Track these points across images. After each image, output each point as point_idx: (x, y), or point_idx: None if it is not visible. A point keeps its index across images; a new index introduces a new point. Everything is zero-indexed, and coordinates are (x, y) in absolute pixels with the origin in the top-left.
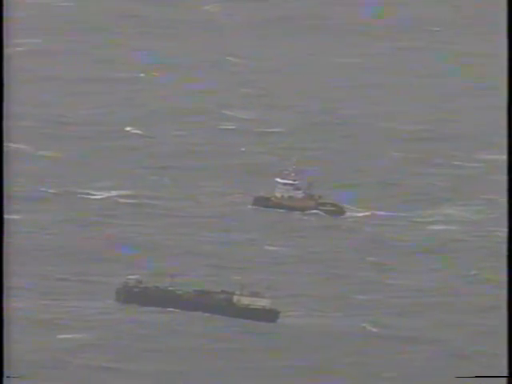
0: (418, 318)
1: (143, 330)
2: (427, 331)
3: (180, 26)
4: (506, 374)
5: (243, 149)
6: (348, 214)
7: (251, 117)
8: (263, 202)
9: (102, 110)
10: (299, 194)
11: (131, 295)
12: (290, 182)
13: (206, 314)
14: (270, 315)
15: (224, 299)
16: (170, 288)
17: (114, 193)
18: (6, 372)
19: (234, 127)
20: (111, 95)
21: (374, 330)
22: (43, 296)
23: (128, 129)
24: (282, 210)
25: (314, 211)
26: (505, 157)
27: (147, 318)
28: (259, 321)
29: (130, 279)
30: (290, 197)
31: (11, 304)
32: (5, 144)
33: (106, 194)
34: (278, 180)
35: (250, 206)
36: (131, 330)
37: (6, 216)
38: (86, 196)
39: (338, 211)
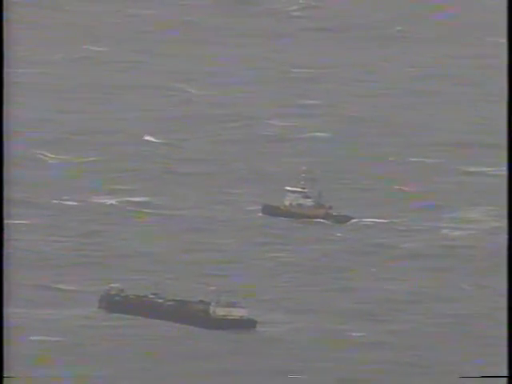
0: (399, 324)
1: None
2: (401, 337)
3: (234, 34)
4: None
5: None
6: (353, 221)
7: (293, 124)
8: (272, 210)
9: (129, 115)
10: (309, 203)
11: (113, 303)
12: (299, 189)
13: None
14: (247, 325)
15: (201, 310)
16: (150, 296)
17: (121, 199)
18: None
19: (270, 134)
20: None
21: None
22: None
23: (148, 138)
24: (289, 219)
25: (321, 220)
26: None
27: (114, 323)
28: (236, 331)
29: (112, 287)
30: (298, 205)
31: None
32: (28, 151)
33: (111, 202)
34: (288, 188)
35: (260, 214)
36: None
37: (12, 221)
38: (99, 202)
39: (344, 220)
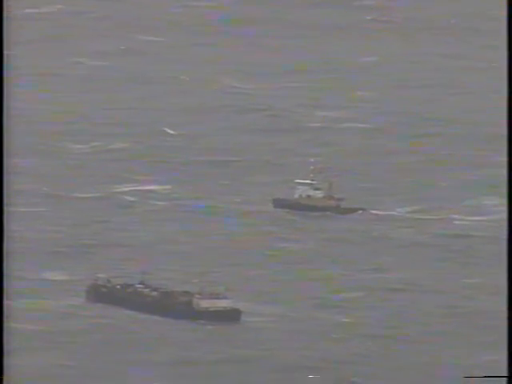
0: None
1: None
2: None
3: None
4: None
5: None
6: (361, 212)
7: (333, 115)
8: (282, 203)
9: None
10: (318, 194)
11: (99, 295)
12: (308, 181)
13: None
14: (231, 316)
15: (184, 302)
16: (137, 286)
17: (128, 189)
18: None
19: (319, 125)
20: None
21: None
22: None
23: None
24: (297, 211)
25: (330, 211)
26: None
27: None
28: (221, 322)
29: (99, 277)
30: (308, 196)
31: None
32: (47, 141)
33: (118, 191)
34: (297, 180)
35: (270, 205)
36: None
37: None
38: (106, 192)
39: (353, 210)
